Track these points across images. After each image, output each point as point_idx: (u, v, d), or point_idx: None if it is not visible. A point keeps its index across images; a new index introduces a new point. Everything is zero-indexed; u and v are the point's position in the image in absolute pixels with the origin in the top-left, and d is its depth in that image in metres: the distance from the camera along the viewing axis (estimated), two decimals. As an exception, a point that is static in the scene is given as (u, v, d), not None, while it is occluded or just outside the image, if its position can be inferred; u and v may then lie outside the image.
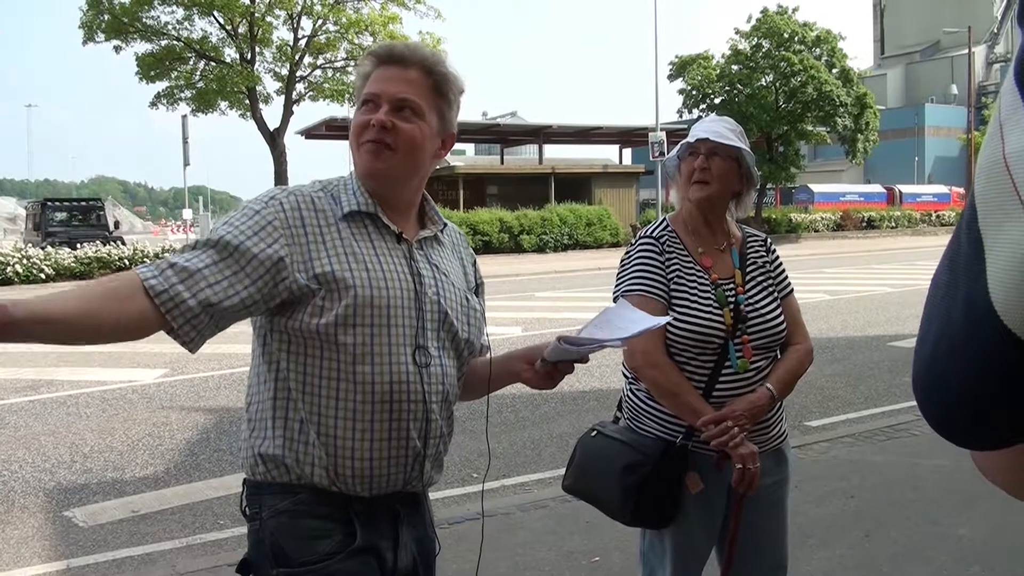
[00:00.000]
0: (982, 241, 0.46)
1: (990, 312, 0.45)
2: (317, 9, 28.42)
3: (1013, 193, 0.44)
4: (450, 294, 1.92)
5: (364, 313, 1.74)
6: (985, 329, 0.45)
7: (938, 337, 0.50)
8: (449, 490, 5.25)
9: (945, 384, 0.50)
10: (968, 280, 0.47)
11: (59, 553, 4.59)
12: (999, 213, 0.45)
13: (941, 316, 0.50)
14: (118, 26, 27.61)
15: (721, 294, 2.48)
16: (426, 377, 1.84)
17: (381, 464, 1.80)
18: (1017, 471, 0.53)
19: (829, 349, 9.69)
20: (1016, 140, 0.44)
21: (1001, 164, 0.45)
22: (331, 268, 1.74)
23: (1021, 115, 0.44)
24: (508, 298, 15.32)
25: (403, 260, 1.84)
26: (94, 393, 8.34)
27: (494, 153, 45.02)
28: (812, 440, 6.19)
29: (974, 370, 0.47)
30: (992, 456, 0.53)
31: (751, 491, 2.40)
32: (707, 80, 35.36)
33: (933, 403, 0.52)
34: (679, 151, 2.58)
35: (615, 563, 4.09)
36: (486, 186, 33.21)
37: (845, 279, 17.96)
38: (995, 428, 0.48)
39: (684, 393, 2.41)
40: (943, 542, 4.23)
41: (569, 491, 2.69)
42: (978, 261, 0.46)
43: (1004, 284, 0.44)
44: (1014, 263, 0.43)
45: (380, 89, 1.82)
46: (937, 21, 63.35)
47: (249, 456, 1.83)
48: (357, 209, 1.82)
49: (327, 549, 1.76)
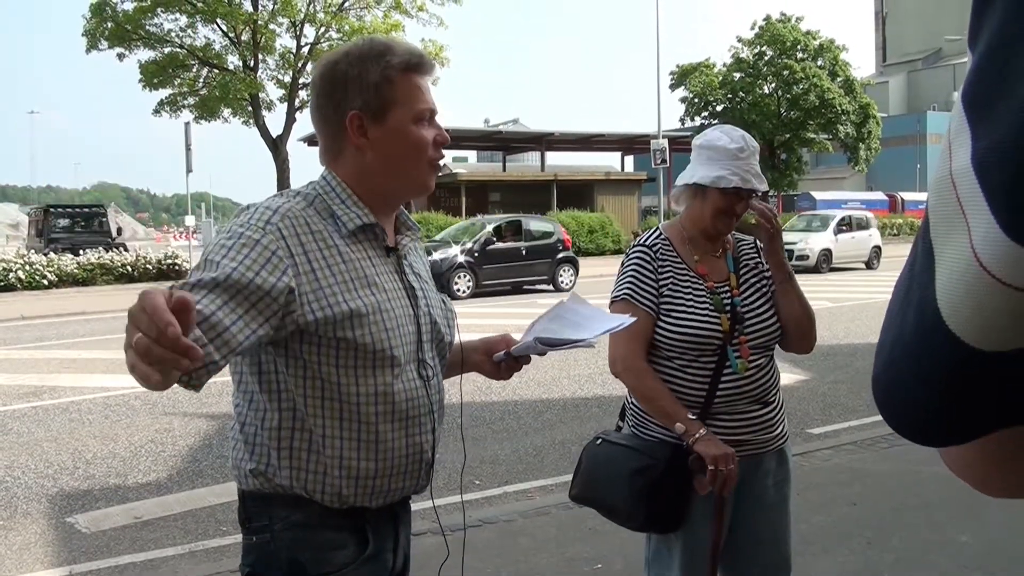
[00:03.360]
0: (933, 250, 0.50)
1: (937, 317, 0.48)
2: (320, 17, 28.53)
3: (958, 207, 0.47)
4: (434, 302, 1.92)
5: (378, 339, 1.72)
6: (934, 333, 0.48)
7: (894, 342, 0.54)
8: (451, 497, 5.24)
9: (901, 385, 0.53)
10: (921, 287, 0.50)
11: (62, 559, 4.59)
12: (946, 224, 0.48)
13: (898, 322, 0.54)
14: (121, 34, 27.71)
15: (718, 300, 2.52)
16: (431, 390, 1.85)
17: (396, 479, 1.81)
18: (977, 466, 0.57)
19: (831, 356, 9.69)
20: (960, 158, 0.47)
21: (948, 180, 0.48)
22: (342, 299, 1.68)
23: (965, 136, 0.47)
24: (510, 304, 15.33)
25: (396, 275, 1.83)
26: (97, 399, 8.35)
27: (496, 160, 45.09)
28: (814, 447, 6.19)
29: (924, 372, 0.51)
30: (955, 453, 0.57)
31: (726, 491, 2.42)
32: (709, 88, 35.45)
33: (890, 403, 0.55)
34: (708, 179, 2.48)
35: (617, 570, 4.09)
36: (488, 193, 33.24)
37: (847, 286, 17.96)
38: (948, 426, 0.52)
39: (659, 398, 2.47)
40: (945, 549, 4.23)
41: (576, 500, 2.70)
42: (929, 269, 0.49)
43: (948, 291, 0.48)
44: (958, 271, 0.47)
45: (432, 103, 1.82)
46: (939, 29, 63.42)
47: (246, 472, 1.78)
48: (361, 224, 1.77)
49: (343, 560, 1.75)
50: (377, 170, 1.79)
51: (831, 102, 33.69)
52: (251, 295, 1.55)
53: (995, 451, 0.54)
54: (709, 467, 2.37)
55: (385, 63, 1.77)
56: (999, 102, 0.46)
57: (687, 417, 2.42)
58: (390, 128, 1.77)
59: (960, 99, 0.49)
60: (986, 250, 0.45)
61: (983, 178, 0.45)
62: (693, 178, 2.51)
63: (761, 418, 2.54)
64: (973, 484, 0.59)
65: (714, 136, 2.52)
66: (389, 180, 1.81)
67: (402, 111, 1.77)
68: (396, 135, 1.78)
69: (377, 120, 1.77)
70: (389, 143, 1.78)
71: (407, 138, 1.78)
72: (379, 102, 1.76)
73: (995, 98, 0.46)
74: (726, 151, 2.47)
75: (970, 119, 0.48)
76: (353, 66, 1.77)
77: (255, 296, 1.55)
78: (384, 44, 1.81)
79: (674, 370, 2.50)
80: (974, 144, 0.47)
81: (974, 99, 0.48)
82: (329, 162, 1.84)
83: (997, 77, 0.46)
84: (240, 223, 1.67)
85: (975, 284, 0.46)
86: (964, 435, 0.53)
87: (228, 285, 1.52)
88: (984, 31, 0.49)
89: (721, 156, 2.48)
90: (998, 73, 0.46)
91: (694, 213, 2.56)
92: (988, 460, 0.56)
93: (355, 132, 1.77)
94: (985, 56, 0.48)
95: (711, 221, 2.52)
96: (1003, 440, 0.52)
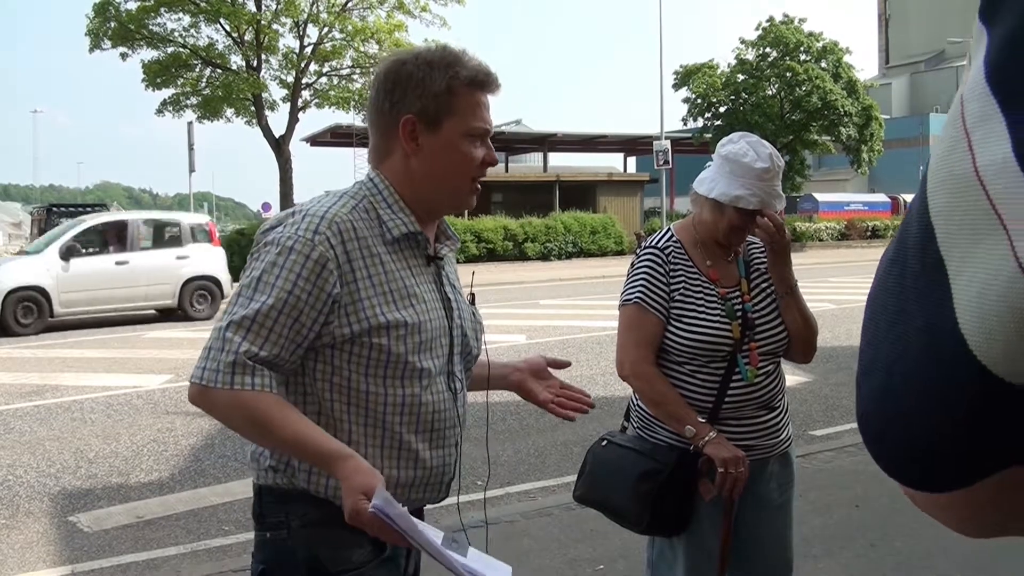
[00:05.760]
0: (944, 265, 0.42)
1: (959, 345, 0.40)
2: (323, 17, 28.49)
3: (989, 210, 0.39)
4: (466, 313, 1.92)
5: (412, 351, 1.72)
6: (954, 364, 0.41)
7: (890, 370, 0.46)
8: (452, 497, 5.24)
9: (904, 423, 0.45)
10: (926, 308, 0.42)
11: (64, 558, 4.59)
12: (968, 232, 0.40)
13: (892, 347, 0.45)
14: (124, 33, 27.68)
15: (730, 307, 2.50)
16: (458, 403, 1.86)
17: (417, 490, 1.82)
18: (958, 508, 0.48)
19: (834, 358, 9.67)
20: (991, 150, 0.39)
21: (971, 178, 0.40)
22: (380, 312, 1.69)
23: (995, 123, 0.40)
24: (512, 306, 15.32)
25: (434, 285, 1.82)
26: (99, 399, 8.36)
27: (499, 161, 45.00)
28: (817, 449, 6.18)
29: (937, 408, 0.43)
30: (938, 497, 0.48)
31: (736, 494, 2.42)
32: (712, 89, 35.40)
33: (888, 444, 0.47)
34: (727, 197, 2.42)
35: (620, 571, 4.09)
36: (491, 194, 33.22)
37: (850, 288, 17.93)
38: (959, 469, 0.45)
39: (668, 402, 2.46)
40: (947, 552, 4.22)
41: (581, 501, 2.70)
42: (939, 287, 0.42)
43: (977, 313, 0.39)
44: (994, 289, 0.39)
45: (488, 123, 1.81)
46: (942, 31, 63.32)
47: (265, 467, 1.77)
48: (407, 231, 1.77)
49: (361, 558, 1.74)
50: (421, 178, 1.78)
51: (834, 104, 33.63)
52: (303, 314, 1.63)
53: (983, 492, 0.46)
54: (719, 470, 2.37)
55: (452, 73, 1.74)
56: None
57: (697, 420, 2.42)
58: (442, 139, 1.76)
59: (985, 80, 0.41)
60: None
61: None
62: (712, 192, 2.45)
63: (767, 423, 2.53)
64: (949, 525, 0.51)
65: (741, 150, 2.42)
66: (431, 190, 1.80)
67: (457, 124, 1.75)
68: (446, 147, 1.76)
69: (431, 129, 1.75)
70: (437, 154, 1.76)
71: (455, 152, 1.76)
72: (436, 111, 1.74)
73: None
74: (751, 170, 2.40)
75: (1003, 102, 0.40)
76: (420, 69, 1.75)
77: (309, 316, 1.64)
78: (455, 55, 1.78)
79: (683, 375, 2.50)
80: (1014, 132, 0.39)
81: (1008, 78, 0.40)
82: (377, 163, 1.82)
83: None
84: (289, 235, 1.67)
85: (1021, 303, 0.38)
86: (972, 478, 0.45)
87: (284, 308, 1.62)
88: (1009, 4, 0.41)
89: (745, 174, 2.41)
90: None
91: (708, 223, 2.51)
92: (974, 502, 0.47)
93: (406, 136, 1.75)
94: (1020, 28, 0.40)
95: (724, 235, 2.50)
96: (989, 484, 0.45)
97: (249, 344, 1.60)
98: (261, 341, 1.61)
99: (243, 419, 1.63)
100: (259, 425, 1.62)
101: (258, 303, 1.62)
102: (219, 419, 1.70)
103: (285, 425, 1.61)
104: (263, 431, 1.64)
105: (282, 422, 1.61)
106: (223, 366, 1.59)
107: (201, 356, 1.64)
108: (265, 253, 1.67)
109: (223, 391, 1.59)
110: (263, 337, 1.61)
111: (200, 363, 1.63)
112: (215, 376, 1.60)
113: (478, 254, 25.75)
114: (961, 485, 0.46)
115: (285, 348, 1.64)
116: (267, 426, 1.62)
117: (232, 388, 1.58)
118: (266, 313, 1.61)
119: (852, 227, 37.69)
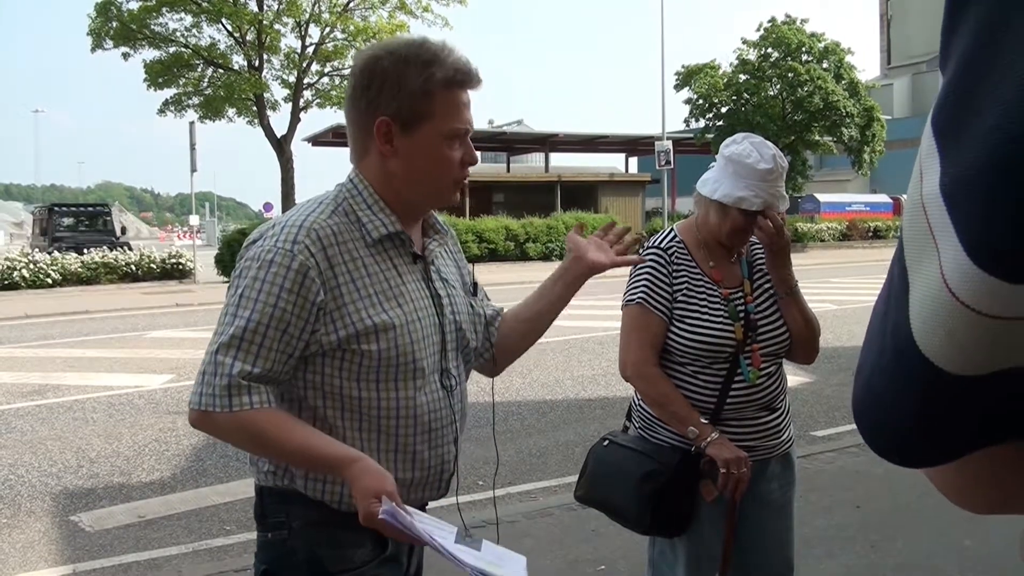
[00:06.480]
0: (907, 274, 0.50)
1: (910, 341, 0.49)
2: (325, 17, 28.53)
3: (928, 233, 0.47)
4: (461, 307, 1.90)
5: (403, 352, 1.71)
6: (908, 357, 0.49)
7: (873, 363, 0.54)
8: (451, 498, 5.24)
9: (878, 407, 0.54)
10: (896, 310, 0.51)
11: (65, 558, 4.60)
12: (918, 249, 0.49)
13: (877, 344, 0.54)
14: (126, 33, 27.73)
15: (733, 309, 2.49)
16: (453, 400, 1.85)
17: (416, 490, 1.81)
18: (959, 485, 0.58)
19: (835, 359, 9.67)
20: (929, 182, 0.47)
21: (919, 204, 0.48)
22: (365, 315, 1.68)
23: (934, 159, 0.48)
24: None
25: (422, 282, 1.81)
26: (101, 398, 8.36)
27: (500, 161, 45.05)
28: (818, 450, 6.18)
29: (900, 395, 0.51)
30: (938, 472, 0.57)
31: (738, 494, 2.43)
32: (714, 89, 35.37)
33: (868, 425, 0.55)
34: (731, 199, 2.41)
35: (621, 572, 4.08)
36: (492, 194, 33.25)
37: (851, 289, 17.92)
38: (925, 448, 0.53)
39: (671, 403, 2.46)
40: (949, 552, 4.22)
41: (582, 501, 2.70)
42: (904, 292, 0.50)
43: (921, 315, 0.48)
44: (930, 297, 0.47)
45: (468, 122, 1.76)
46: (944, 31, 63.24)
47: (264, 470, 1.77)
48: (387, 232, 1.74)
49: (362, 558, 1.74)
50: (399, 179, 1.75)
51: (836, 105, 33.59)
52: (291, 325, 1.63)
53: (975, 470, 0.54)
54: (721, 470, 2.37)
55: (428, 74, 1.68)
56: (966, 128, 0.45)
57: (699, 421, 2.41)
58: (417, 142, 1.71)
59: (930, 123, 0.49)
60: (955, 276, 0.45)
61: (951, 204, 0.45)
62: (715, 194, 2.44)
63: (768, 424, 2.53)
64: (956, 502, 0.59)
65: (744, 151, 2.41)
66: (410, 191, 1.77)
67: (434, 127, 1.71)
68: (422, 150, 1.72)
69: (406, 131, 1.71)
70: (414, 157, 1.72)
71: (433, 155, 1.72)
72: (412, 113, 1.69)
73: (962, 124, 0.46)
74: (755, 171, 2.39)
75: (939, 144, 0.48)
76: (396, 67, 1.69)
77: (296, 327, 1.64)
78: (432, 51, 1.71)
79: (685, 376, 2.50)
80: (942, 169, 0.46)
81: (943, 124, 0.48)
82: (356, 162, 1.80)
83: (964, 103, 0.46)
84: (268, 248, 1.66)
85: (945, 310, 0.46)
86: (941, 457, 0.53)
87: (268, 320, 1.62)
88: (952, 57, 0.48)
89: (748, 175, 2.40)
90: (965, 99, 0.46)
91: (711, 225, 2.50)
92: (969, 479, 0.56)
93: (381, 138, 1.71)
94: (952, 81, 0.47)
95: (727, 237, 2.49)
96: (983, 459, 0.52)
97: (241, 363, 1.61)
98: (252, 358, 1.61)
99: (247, 438, 1.65)
100: (263, 442, 1.64)
101: (244, 320, 1.62)
102: (223, 440, 1.72)
103: (289, 438, 1.62)
104: (268, 447, 1.66)
105: (287, 435, 1.62)
106: (219, 390, 1.60)
107: (196, 381, 1.64)
108: (247, 269, 1.67)
109: (223, 414, 1.60)
110: (254, 354, 1.61)
111: (196, 388, 1.63)
112: (212, 400, 1.60)
113: (479, 254, 25.73)
114: (935, 463, 0.55)
115: (277, 361, 1.64)
116: (271, 441, 1.63)
117: (231, 410, 1.59)
118: (254, 329, 1.61)
119: (854, 228, 37.68)
